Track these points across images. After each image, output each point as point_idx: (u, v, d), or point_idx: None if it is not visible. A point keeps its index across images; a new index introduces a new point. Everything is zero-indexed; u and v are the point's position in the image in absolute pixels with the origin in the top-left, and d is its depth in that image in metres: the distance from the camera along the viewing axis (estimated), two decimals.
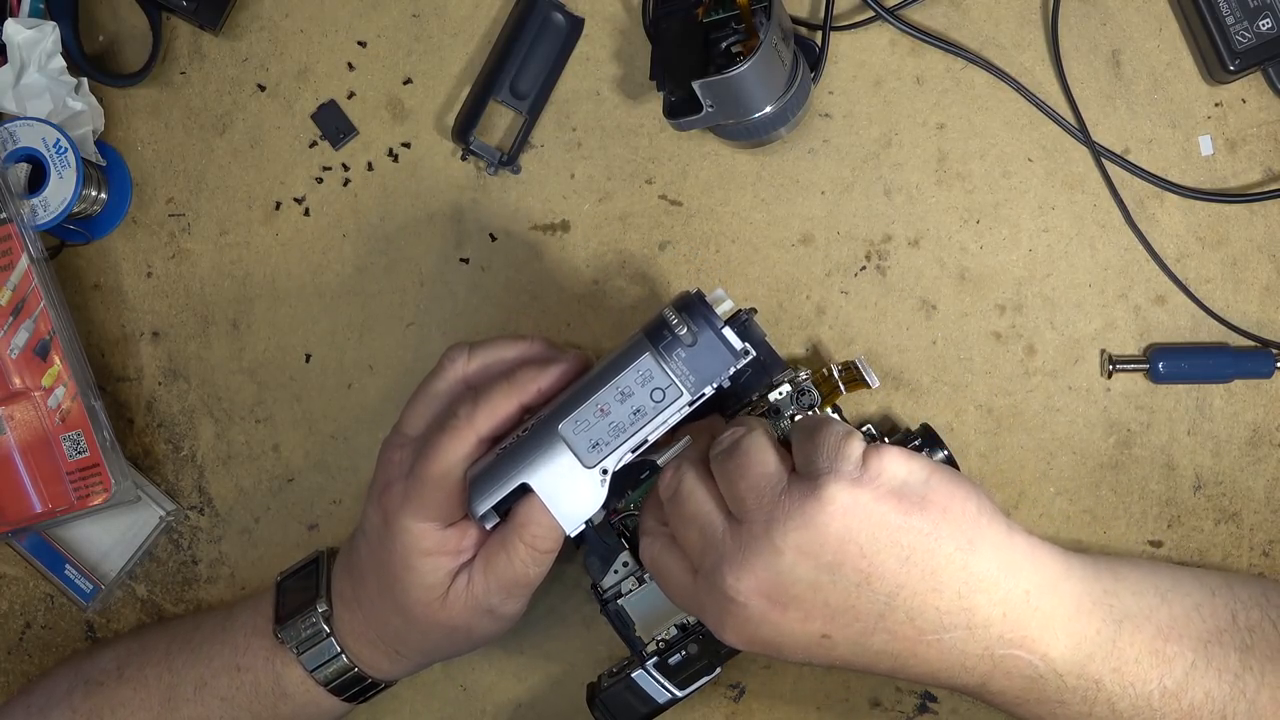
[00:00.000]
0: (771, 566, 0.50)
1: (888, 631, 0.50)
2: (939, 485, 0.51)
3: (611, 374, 0.53)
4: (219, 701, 0.64)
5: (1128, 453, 0.67)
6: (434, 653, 0.63)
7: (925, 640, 0.50)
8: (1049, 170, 0.67)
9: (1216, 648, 0.52)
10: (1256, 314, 0.67)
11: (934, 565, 0.49)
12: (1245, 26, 0.64)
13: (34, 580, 0.73)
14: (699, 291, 0.54)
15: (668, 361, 0.53)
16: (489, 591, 0.58)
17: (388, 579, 0.59)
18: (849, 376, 0.62)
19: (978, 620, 0.50)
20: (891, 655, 0.51)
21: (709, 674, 0.62)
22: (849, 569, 0.49)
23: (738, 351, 0.53)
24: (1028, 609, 0.50)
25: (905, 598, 0.50)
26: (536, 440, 0.54)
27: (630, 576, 0.63)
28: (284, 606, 0.64)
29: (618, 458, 0.54)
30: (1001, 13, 0.67)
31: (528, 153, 0.69)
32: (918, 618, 0.50)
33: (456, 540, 0.58)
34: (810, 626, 0.50)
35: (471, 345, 0.60)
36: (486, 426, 0.56)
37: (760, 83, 0.61)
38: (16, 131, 0.67)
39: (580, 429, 0.54)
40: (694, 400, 0.53)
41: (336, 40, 0.70)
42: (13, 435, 0.66)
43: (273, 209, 0.71)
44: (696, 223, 0.69)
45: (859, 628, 0.50)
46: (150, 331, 0.72)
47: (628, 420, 0.53)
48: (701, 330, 0.53)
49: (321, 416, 0.71)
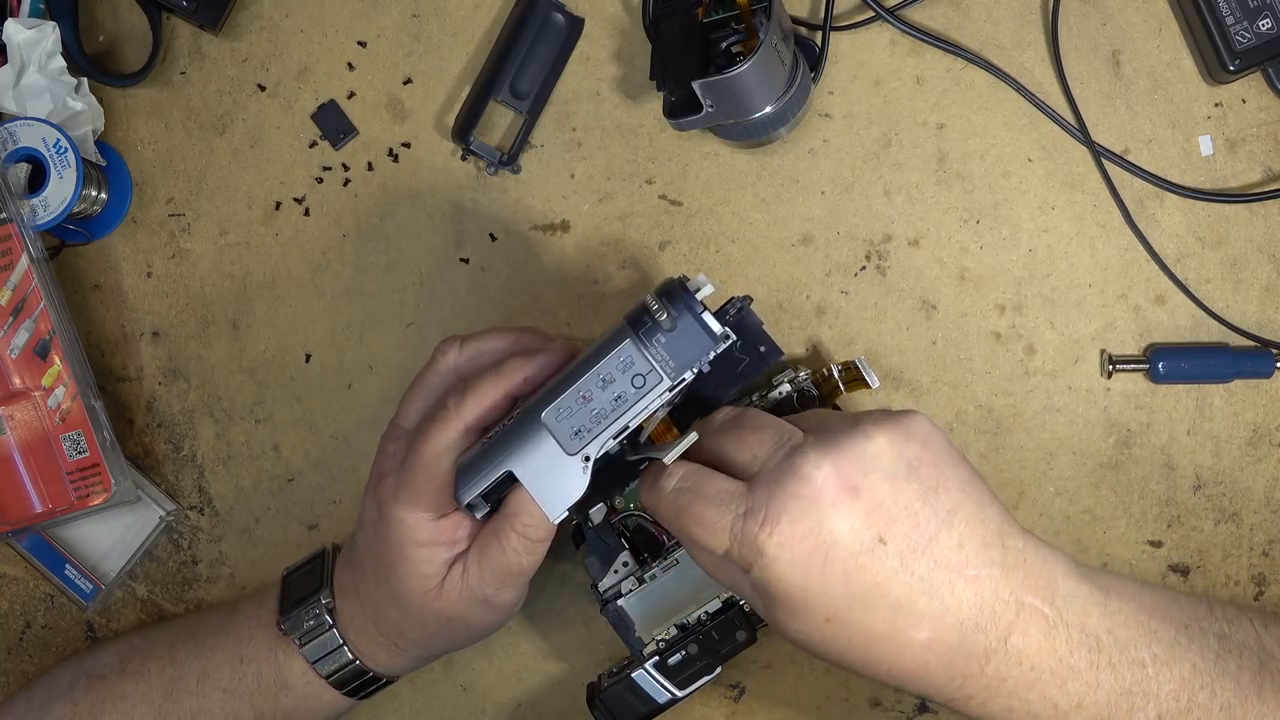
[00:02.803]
0: (858, 448, 0.50)
1: (934, 558, 0.50)
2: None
3: (593, 361, 0.54)
4: (220, 693, 0.64)
5: (1128, 453, 0.68)
6: (432, 644, 0.63)
7: (964, 575, 0.50)
8: (1049, 170, 0.67)
9: (1196, 630, 0.53)
10: (1256, 314, 0.67)
11: (983, 498, 0.52)
12: (1245, 26, 0.64)
13: (34, 580, 0.73)
14: (681, 277, 0.54)
15: (648, 347, 0.53)
16: (484, 581, 0.58)
17: (384, 569, 0.59)
18: (849, 376, 0.63)
19: (1009, 561, 0.51)
20: (930, 588, 0.50)
21: (709, 674, 0.62)
22: (925, 473, 0.51)
23: (717, 336, 0.53)
24: (1037, 559, 0.52)
25: (960, 522, 0.51)
26: (520, 429, 0.55)
27: (630, 576, 0.63)
28: (288, 599, 0.65)
29: (600, 444, 0.54)
30: (1001, 13, 0.67)
31: (528, 153, 0.69)
32: (966, 546, 0.51)
33: (450, 531, 0.58)
34: (873, 522, 0.50)
35: (464, 337, 0.60)
36: (474, 416, 0.56)
37: (760, 83, 0.61)
38: (16, 131, 0.67)
39: (563, 416, 0.54)
40: (674, 385, 0.53)
41: (336, 40, 0.70)
42: (13, 435, 0.66)
43: (273, 209, 0.71)
44: (696, 223, 0.69)
45: (915, 539, 0.50)
46: (150, 331, 0.72)
47: (609, 407, 0.53)
48: (681, 315, 0.53)
49: (321, 416, 0.71)
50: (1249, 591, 0.67)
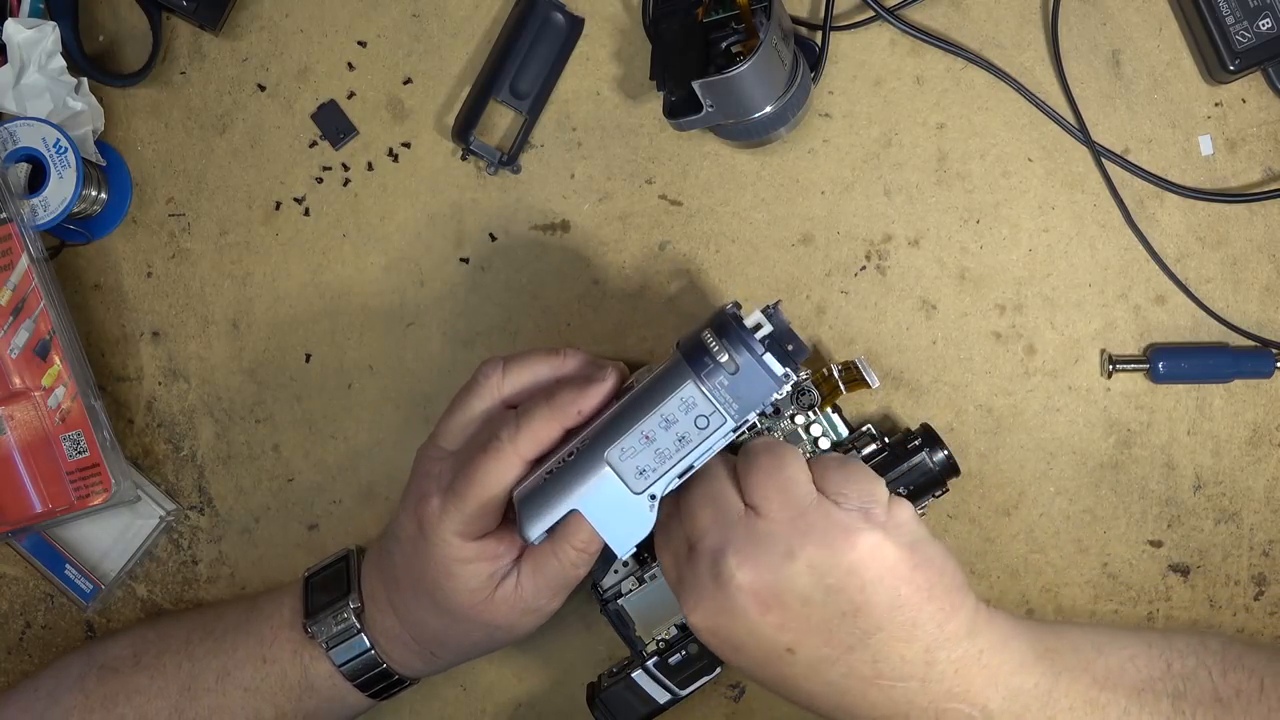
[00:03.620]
0: (777, 568, 0.51)
1: (848, 666, 0.52)
2: (940, 553, 0.54)
3: (655, 400, 0.54)
4: (242, 692, 0.64)
5: (1128, 453, 0.68)
6: (472, 650, 0.63)
7: (879, 684, 0.52)
8: (1049, 170, 0.67)
9: (1149, 695, 0.54)
10: (1256, 314, 0.67)
11: (917, 619, 0.52)
12: (1245, 26, 0.64)
13: (34, 580, 0.73)
14: (735, 312, 0.54)
15: (710, 390, 0.53)
16: (538, 593, 0.59)
17: (427, 585, 0.60)
18: (849, 376, 0.63)
19: (933, 674, 0.52)
20: (840, 692, 0.53)
21: (709, 674, 0.62)
22: (844, 598, 0.51)
23: (779, 378, 0.53)
24: (978, 666, 0.53)
25: (880, 640, 0.52)
26: (584, 466, 0.55)
27: (630, 576, 0.63)
28: (313, 601, 0.65)
29: (665, 484, 0.54)
30: (1001, 13, 0.67)
31: (528, 153, 0.69)
32: (882, 661, 0.52)
33: (494, 547, 0.59)
34: (782, 635, 0.52)
35: (506, 359, 0.60)
36: (530, 450, 0.57)
37: (760, 83, 0.61)
38: (16, 131, 0.67)
39: (627, 456, 0.54)
40: (738, 427, 0.54)
41: (336, 40, 0.70)
42: (13, 435, 0.66)
43: (273, 209, 0.71)
44: (696, 223, 0.69)
45: (825, 653, 0.52)
46: (150, 331, 0.72)
47: (673, 447, 0.54)
48: (742, 357, 0.53)
49: (321, 416, 0.71)
50: (1249, 591, 0.67)
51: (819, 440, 0.63)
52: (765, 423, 0.62)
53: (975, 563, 0.68)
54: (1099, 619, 0.68)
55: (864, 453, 0.62)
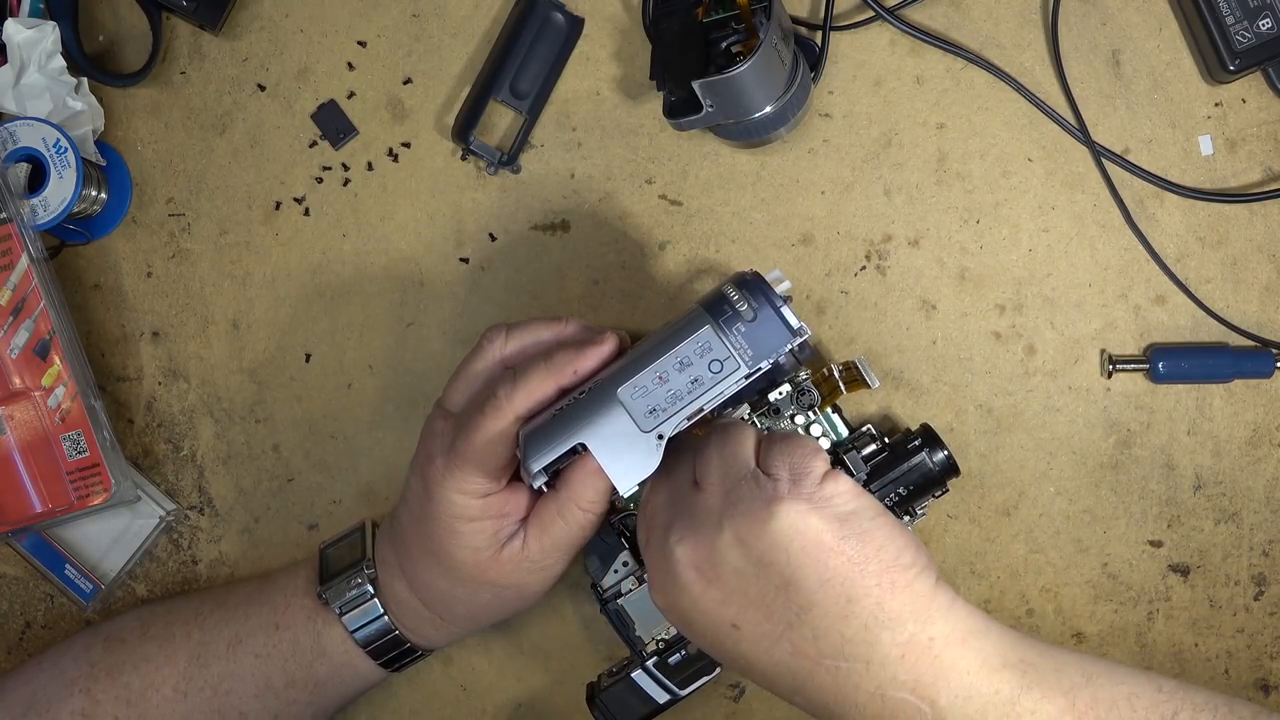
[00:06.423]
0: (709, 540, 0.52)
1: (791, 644, 0.51)
2: (883, 527, 0.52)
3: (671, 344, 0.55)
4: (253, 659, 0.64)
5: (1128, 453, 0.68)
6: (482, 614, 0.64)
7: (824, 665, 0.51)
8: (1049, 170, 0.67)
9: None
10: (1256, 314, 0.67)
11: (850, 593, 0.51)
12: (1245, 26, 0.64)
13: (34, 580, 0.73)
14: (755, 271, 0.56)
15: (727, 335, 0.55)
16: (544, 552, 0.60)
17: (433, 544, 0.60)
18: (849, 376, 0.62)
19: (877, 656, 0.51)
20: (791, 672, 0.52)
21: (709, 674, 0.62)
22: (773, 571, 0.51)
23: (795, 329, 0.55)
24: (928, 655, 0.50)
25: (815, 616, 0.51)
26: (594, 403, 0.55)
27: (630, 576, 0.63)
28: (327, 569, 0.65)
29: (674, 424, 0.55)
30: (1001, 13, 0.67)
31: (528, 153, 0.69)
32: (821, 639, 0.51)
33: (499, 505, 0.59)
34: (725, 610, 0.52)
35: (509, 326, 0.61)
36: (524, 407, 0.57)
37: (760, 83, 0.61)
38: (16, 131, 0.67)
39: (639, 394, 0.55)
40: (750, 373, 0.55)
41: (336, 40, 0.70)
42: (13, 435, 0.66)
43: (273, 209, 0.71)
44: (696, 223, 0.69)
45: (767, 629, 0.52)
46: (150, 331, 0.72)
47: (685, 389, 0.55)
48: (761, 307, 0.55)
49: (321, 416, 0.71)
50: (1249, 591, 0.68)
51: (819, 440, 0.63)
52: (765, 422, 0.62)
53: (975, 563, 0.68)
54: (1099, 619, 0.68)
55: (864, 453, 0.62)
